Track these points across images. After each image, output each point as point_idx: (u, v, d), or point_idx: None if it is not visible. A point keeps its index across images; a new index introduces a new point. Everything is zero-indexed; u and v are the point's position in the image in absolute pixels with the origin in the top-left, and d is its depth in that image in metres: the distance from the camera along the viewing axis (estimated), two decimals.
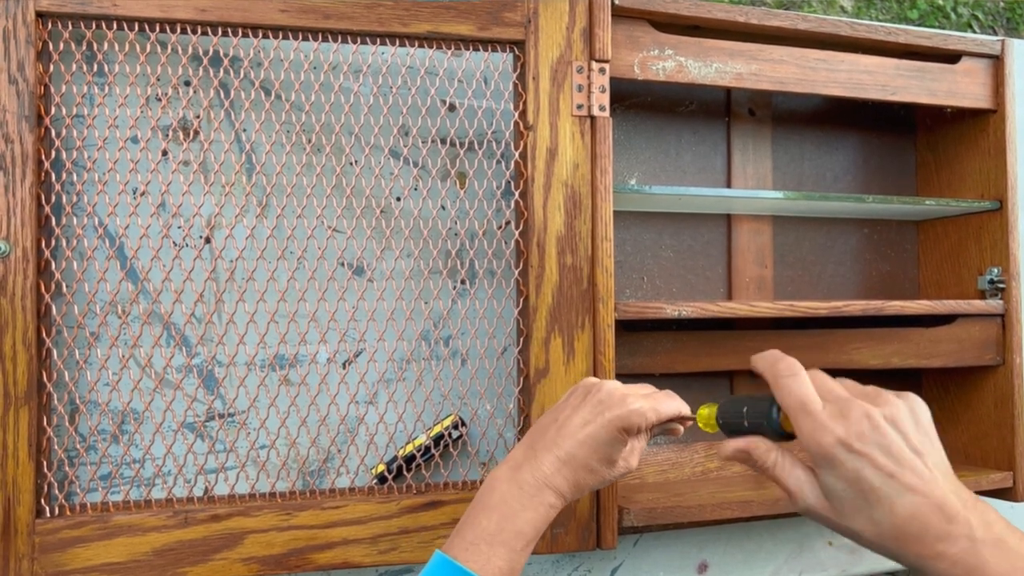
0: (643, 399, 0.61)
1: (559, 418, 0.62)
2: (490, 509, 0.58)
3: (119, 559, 0.67)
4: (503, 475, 0.60)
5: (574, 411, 0.61)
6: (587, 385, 0.64)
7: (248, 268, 0.76)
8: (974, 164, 0.97)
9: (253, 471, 0.77)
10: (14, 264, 0.66)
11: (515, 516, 0.58)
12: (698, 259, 0.96)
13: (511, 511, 0.58)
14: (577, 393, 0.63)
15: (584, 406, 0.61)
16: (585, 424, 0.60)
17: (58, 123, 0.72)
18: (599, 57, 0.77)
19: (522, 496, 0.58)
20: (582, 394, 0.63)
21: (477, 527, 0.57)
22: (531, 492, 0.59)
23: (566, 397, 0.64)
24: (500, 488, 0.59)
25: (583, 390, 0.63)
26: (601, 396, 0.61)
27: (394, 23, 0.74)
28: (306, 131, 0.78)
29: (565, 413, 0.62)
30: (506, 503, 0.58)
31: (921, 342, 0.92)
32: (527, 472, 0.59)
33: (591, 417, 0.60)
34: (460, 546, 0.57)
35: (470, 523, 0.58)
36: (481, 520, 0.58)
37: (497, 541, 0.57)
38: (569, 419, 0.61)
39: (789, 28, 0.85)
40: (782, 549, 0.98)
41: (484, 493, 0.60)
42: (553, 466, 0.59)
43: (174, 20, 0.70)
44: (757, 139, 0.98)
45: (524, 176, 0.76)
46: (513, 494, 0.58)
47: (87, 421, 0.74)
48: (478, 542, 0.56)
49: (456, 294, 0.83)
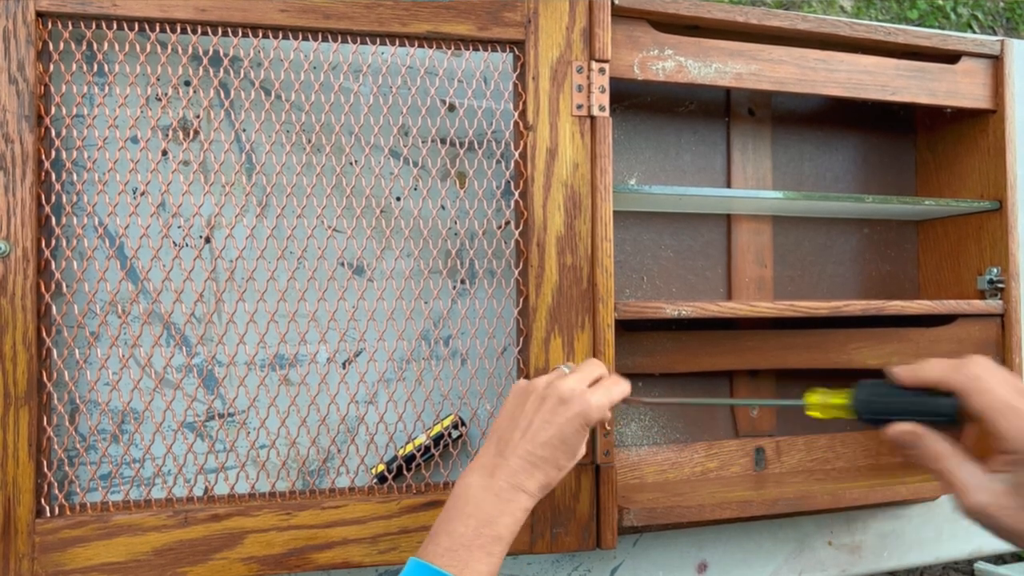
0: (599, 392, 0.64)
1: (521, 423, 0.63)
2: (466, 516, 0.59)
3: (119, 559, 0.67)
4: (476, 482, 0.61)
5: (535, 413, 0.63)
6: (538, 386, 0.65)
7: (248, 268, 0.76)
8: (974, 164, 0.97)
9: (253, 471, 0.77)
10: (14, 264, 0.66)
11: (492, 522, 0.59)
12: (698, 259, 0.96)
13: (488, 517, 0.59)
14: (533, 397, 0.64)
15: (543, 407, 0.63)
16: (549, 424, 0.62)
17: (58, 123, 0.72)
18: (599, 57, 0.77)
19: (498, 502, 0.60)
20: (538, 398, 0.64)
21: (453, 534, 0.58)
22: (507, 497, 0.60)
23: (518, 400, 0.65)
24: (475, 495, 0.60)
25: (537, 395, 0.64)
26: (561, 394, 0.63)
27: (394, 23, 0.74)
28: (306, 131, 0.78)
29: (527, 417, 0.63)
30: (482, 509, 0.59)
31: (921, 342, 0.92)
32: (501, 478, 0.61)
33: (553, 417, 0.62)
34: (436, 552, 0.57)
35: (445, 530, 0.59)
36: (457, 527, 0.58)
37: (475, 546, 0.58)
38: (532, 422, 0.63)
39: (789, 28, 0.86)
40: (782, 549, 0.98)
41: (458, 500, 0.60)
42: (525, 470, 0.61)
43: (174, 20, 0.70)
44: (757, 139, 0.98)
45: (524, 176, 0.76)
46: (489, 500, 0.59)
47: (87, 421, 0.74)
48: (456, 548, 0.57)
49: (456, 294, 0.83)
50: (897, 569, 1.04)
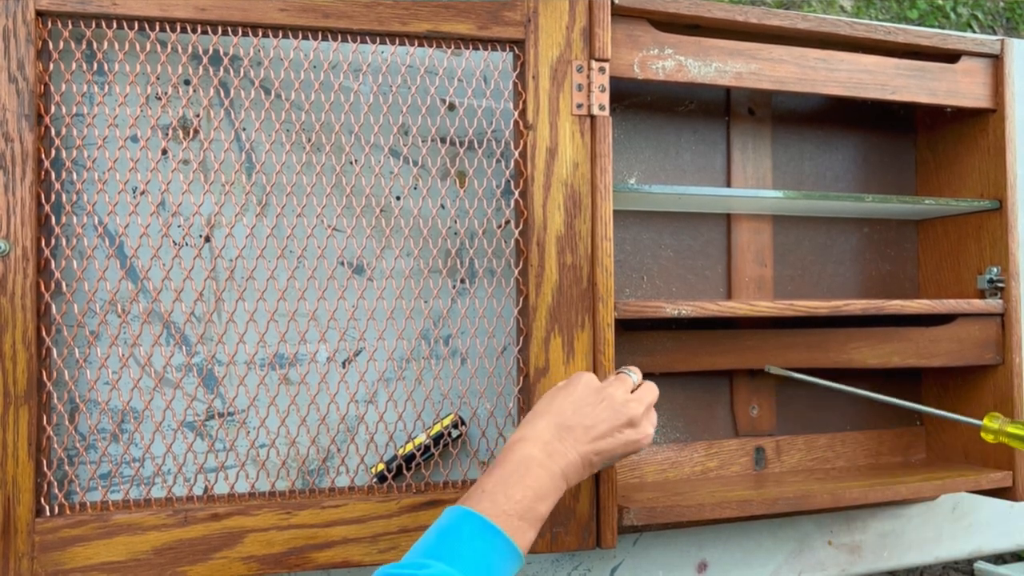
0: (651, 424, 0.67)
1: (586, 421, 0.64)
2: (525, 486, 0.58)
3: (119, 558, 0.67)
4: (537, 455, 0.61)
5: (604, 422, 0.65)
6: (614, 396, 0.66)
7: (248, 267, 0.76)
8: (974, 163, 0.97)
9: (253, 470, 0.77)
10: (14, 263, 0.66)
11: (543, 500, 0.59)
12: (698, 258, 0.96)
13: (542, 494, 0.59)
14: (606, 404, 0.65)
15: (615, 420, 0.65)
16: (606, 437, 0.64)
17: (58, 122, 0.72)
18: (599, 56, 0.77)
19: (552, 485, 0.60)
20: (611, 408, 0.65)
21: (512, 498, 0.57)
22: (558, 483, 0.61)
23: (590, 397, 0.66)
24: (535, 469, 0.60)
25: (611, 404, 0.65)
26: (632, 418, 0.65)
27: (393, 22, 0.74)
28: (306, 130, 0.78)
29: (594, 419, 0.64)
30: (540, 484, 0.59)
31: (921, 341, 0.92)
32: (558, 462, 0.61)
33: (618, 435, 0.65)
34: (493, 511, 0.56)
35: (503, 491, 0.58)
36: (515, 492, 0.58)
37: (528, 518, 0.58)
38: (595, 426, 0.64)
39: (789, 27, 0.86)
40: (781, 548, 0.98)
41: (518, 466, 0.60)
42: (575, 465, 0.62)
43: (174, 19, 0.70)
44: (757, 138, 0.98)
45: (524, 175, 0.76)
46: (545, 479, 0.60)
47: (87, 420, 0.74)
48: (511, 514, 0.57)
49: (456, 293, 0.83)
50: (897, 569, 1.04)
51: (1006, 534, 1.10)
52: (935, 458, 1.01)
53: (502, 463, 0.60)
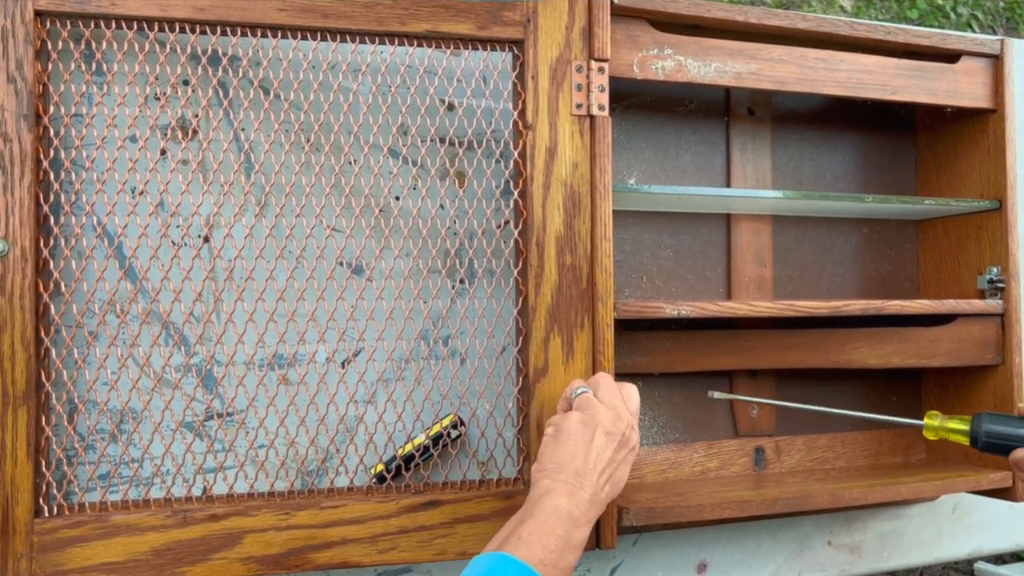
0: (636, 430, 0.69)
1: (591, 458, 0.65)
2: (556, 536, 0.61)
3: (118, 559, 0.67)
4: (564, 506, 0.63)
5: (619, 461, 0.67)
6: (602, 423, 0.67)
7: (247, 267, 0.76)
8: (973, 163, 0.97)
9: (252, 471, 0.77)
10: (12, 263, 0.66)
11: (568, 549, 0.62)
12: (697, 259, 0.95)
13: (568, 543, 0.62)
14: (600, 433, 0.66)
15: (623, 453, 0.67)
16: (623, 464, 0.68)
17: (56, 122, 0.72)
18: (598, 56, 0.77)
19: (574, 533, 0.62)
20: (607, 435, 0.66)
21: (547, 548, 0.60)
22: (581, 534, 0.63)
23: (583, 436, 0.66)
24: (563, 520, 0.62)
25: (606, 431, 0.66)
26: (631, 443, 0.68)
27: (393, 22, 0.74)
28: (305, 130, 0.78)
29: (599, 454, 0.66)
30: (568, 533, 0.62)
31: (921, 342, 0.92)
32: (581, 511, 0.63)
33: (624, 467, 0.68)
34: (532, 560, 0.59)
35: (539, 541, 0.60)
36: (550, 543, 0.61)
37: (558, 567, 0.61)
38: (616, 470, 0.67)
39: (789, 27, 0.85)
40: (781, 549, 0.98)
41: (550, 516, 0.62)
42: (593, 510, 0.65)
43: (172, 19, 0.70)
44: (757, 139, 0.98)
45: (523, 175, 0.76)
46: (570, 527, 0.62)
47: (85, 420, 0.74)
48: (546, 563, 0.60)
49: (455, 293, 0.83)
50: (897, 569, 1.04)
51: (1006, 534, 1.10)
52: (935, 458, 1.01)
53: (538, 513, 0.63)
